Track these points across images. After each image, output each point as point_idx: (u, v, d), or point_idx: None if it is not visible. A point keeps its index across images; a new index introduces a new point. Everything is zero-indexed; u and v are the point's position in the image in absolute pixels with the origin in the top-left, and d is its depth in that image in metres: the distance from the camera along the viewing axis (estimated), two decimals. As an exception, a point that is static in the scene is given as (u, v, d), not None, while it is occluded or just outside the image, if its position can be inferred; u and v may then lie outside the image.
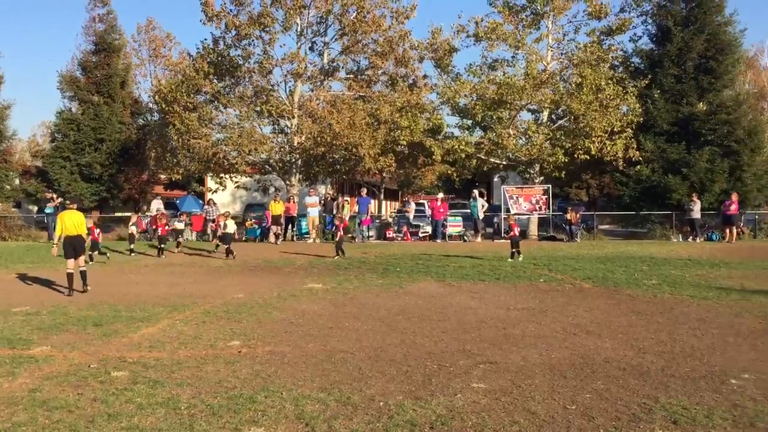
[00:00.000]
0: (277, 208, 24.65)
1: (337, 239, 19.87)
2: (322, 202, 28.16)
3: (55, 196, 27.67)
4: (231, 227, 20.18)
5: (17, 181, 39.36)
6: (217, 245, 20.57)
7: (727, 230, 24.12)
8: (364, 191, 27.26)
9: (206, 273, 16.20)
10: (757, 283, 13.47)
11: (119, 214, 34.41)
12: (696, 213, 24.62)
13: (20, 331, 8.93)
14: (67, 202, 16.46)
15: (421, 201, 39.92)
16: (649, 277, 14.42)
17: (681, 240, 25.01)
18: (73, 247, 12.64)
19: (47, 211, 26.54)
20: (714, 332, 8.65)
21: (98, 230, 19.38)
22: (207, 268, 17.21)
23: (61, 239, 12.86)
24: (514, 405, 5.72)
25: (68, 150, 37.20)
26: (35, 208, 38.33)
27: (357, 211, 25.66)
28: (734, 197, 24.24)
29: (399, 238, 25.97)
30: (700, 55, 28.26)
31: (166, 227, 21.30)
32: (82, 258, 12.98)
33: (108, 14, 40.00)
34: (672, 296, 11.79)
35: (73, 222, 12.75)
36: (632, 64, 30.62)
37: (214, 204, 27.01)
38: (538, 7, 28.04)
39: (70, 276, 12.46)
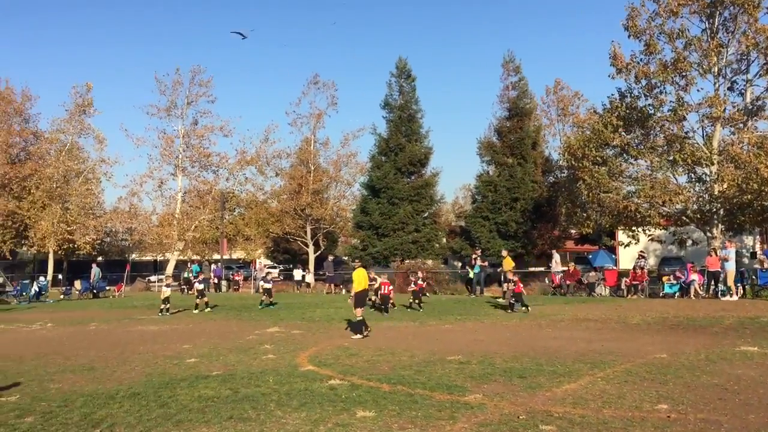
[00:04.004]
0: None
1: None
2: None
3: (479, 254, 29.46)
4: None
5: (444, 240, 44.21)
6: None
7: None
8: None
9: (623, 330, 15.74)
10: None
11: (532, 269, 35.83)
12: None
13: (455, 378, 9.82)
14: (356, 262, 20.90)
15: None
16: None
17: None
18: (363, 298, 16.19)
19: (475, 270, 28.22)
20: None
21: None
22: (624, 324, 16.74)
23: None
24: None
25: (487, 209, 40.62)
26: (459, 264, 42.28)
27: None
28: None
29: None
30: None
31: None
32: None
33: (519, 81, 43.11)
34: None
35: (363, 278, 16.24)
36: None
37: (644, 257, 26.38)
38: None
39: (361, 323, 15.21)
